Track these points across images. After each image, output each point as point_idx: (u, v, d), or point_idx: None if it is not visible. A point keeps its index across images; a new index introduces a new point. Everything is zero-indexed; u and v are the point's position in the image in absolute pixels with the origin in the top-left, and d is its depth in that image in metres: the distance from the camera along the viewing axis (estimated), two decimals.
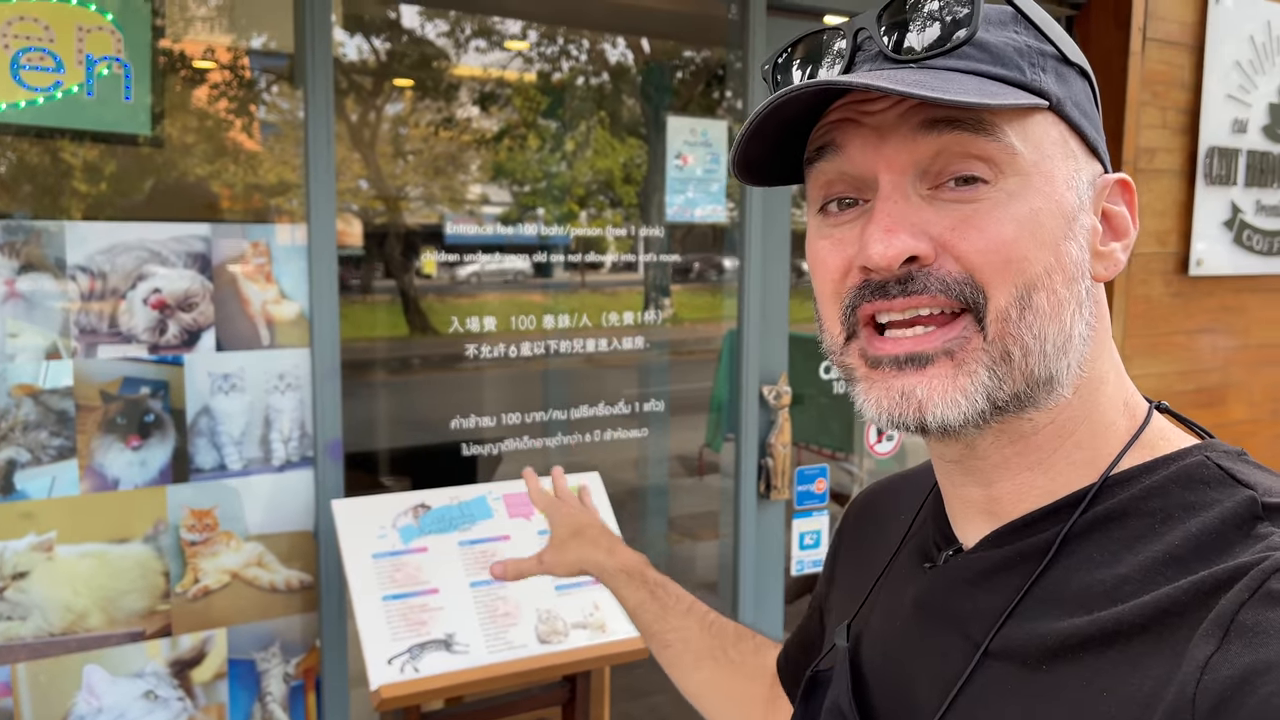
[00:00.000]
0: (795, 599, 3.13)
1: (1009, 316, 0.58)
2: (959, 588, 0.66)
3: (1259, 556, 0.53)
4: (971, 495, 0.67)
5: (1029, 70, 0.60)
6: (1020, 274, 0.58)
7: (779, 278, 2.56)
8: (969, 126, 0.58)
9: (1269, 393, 3.15)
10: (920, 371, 0.60)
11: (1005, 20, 0.61)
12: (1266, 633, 0.49)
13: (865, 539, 0.84)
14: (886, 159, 0.60)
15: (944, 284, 0.59)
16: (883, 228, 0.59)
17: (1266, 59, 2.95)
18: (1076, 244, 0.61)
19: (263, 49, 2.03)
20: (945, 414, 0.59)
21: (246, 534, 2.00)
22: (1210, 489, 0.59)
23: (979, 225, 0.58)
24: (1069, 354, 0.61)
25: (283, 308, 2.01)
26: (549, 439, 2.49)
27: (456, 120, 3.57)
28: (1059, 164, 0.61)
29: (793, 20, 2.51)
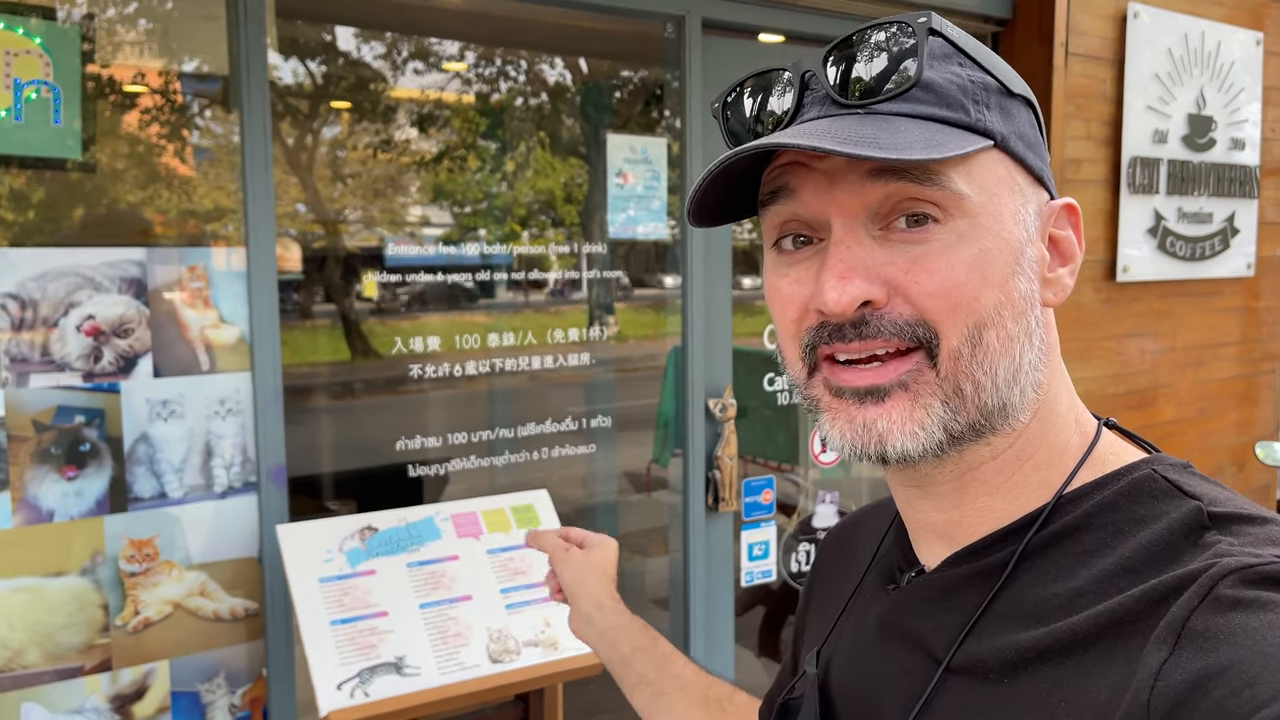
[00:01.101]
0: (745, 611, 3.14)
1: (961, 355, 0.60)
2: (919, 607, 0.67)
3: (1207, 564, 0.55)
4: (932, 520, 0.68)
5: (974, 109, 0.61)
6: (970, 314, 0.60)
7: (721, 292, 2.59)
8: (914, 176, 0.59)
9: (1195, 392, 3.25)
10: (879, 404, 0.61)
11: (947, 55, 0.62)
12: (1217, 638, 0.51)
13: (835, 570, 0.86)
14: (838, 203, 0.61)
15: (896, 326, 0.60)
16: (836, 274, 0.60)
17: (1184, 71, 3.06)
18: (1024, 278, 0.63)
19: (196, 72, 2.00)
20: (905, 445, 0.60)
21: (189, 563, 1.96)
22: (1158, 501, 0.61)
23: (929, 268, 0.60)
24: (1020, 383, 0.62)
25: (222, 332, 1.98)
26: (495, 458, 2.48)
27: (395, 142, 3.55)
28: (1006, 201, 0.62)
29: (728, 39, 2.55)
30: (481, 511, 2.05)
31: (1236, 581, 0.53)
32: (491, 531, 2.03)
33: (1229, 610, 0.52)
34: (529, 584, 1.99)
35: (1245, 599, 0.52)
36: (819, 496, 2.88)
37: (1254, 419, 3.45)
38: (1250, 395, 3.43)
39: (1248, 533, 0.57)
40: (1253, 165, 3.31)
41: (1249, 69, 3.26)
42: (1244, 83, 3.25)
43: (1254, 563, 0.53)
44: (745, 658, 2.96)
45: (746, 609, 3.16)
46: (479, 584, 1.95)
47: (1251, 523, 0.58)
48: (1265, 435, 3.43)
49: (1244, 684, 0.48)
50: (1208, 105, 3.15)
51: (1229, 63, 3.19)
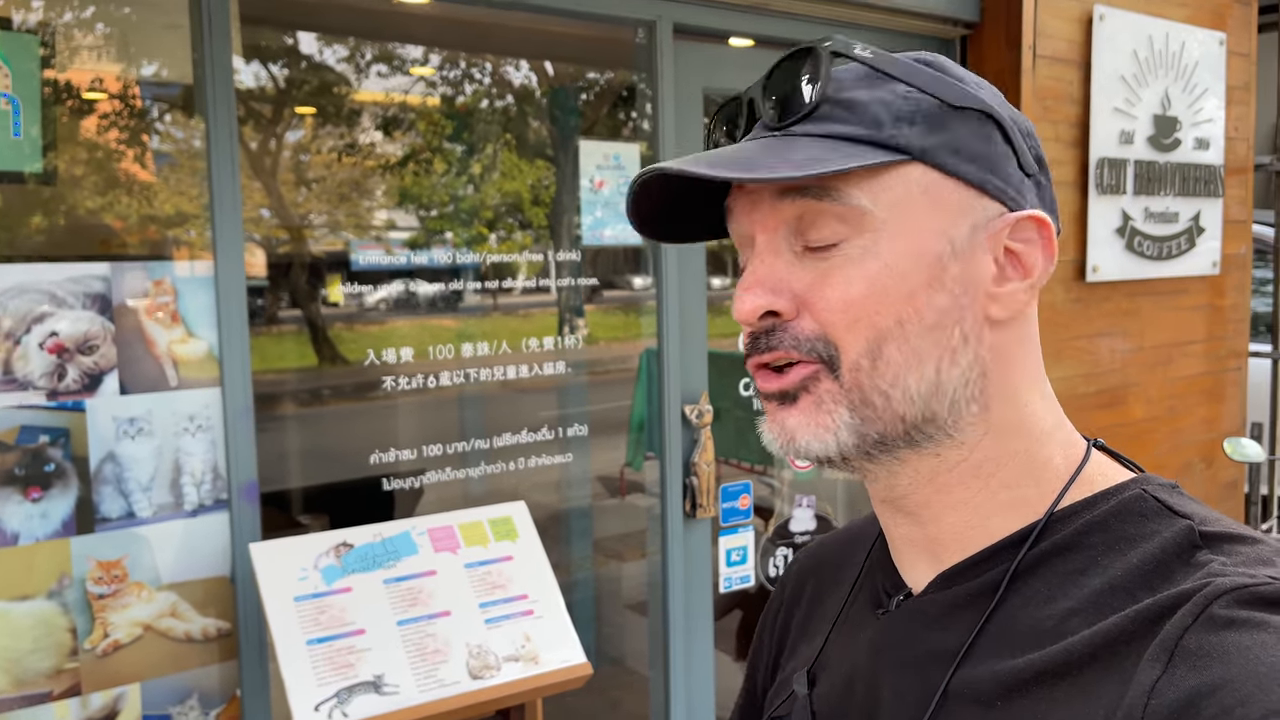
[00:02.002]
0: (723, 616, 3.14)
1: (860, 367, 0.62)
2: (912, 631, 0.67)
3: (1201, 583, 0.55)
4: (910, 535, 0.69)
5: (891, 126, 0.62)
6: (869, 329, 0.61)
7: (696, 297, 2.58)
8: (814, 193, 0.61)
9: (1164, 390, 3.29)
10: (790, 407, 0.64)
11: (870, 76, 0.63)
12: (1210, 656, 0.51)
13: (816, 591, 0.84)
14: (759, 221, 0.65)
15: (796, 340, 0.63)
16: (743, 286, 0.64)
17: (1149, 72, 3.09)
18: (944, 292, 0.62)
19: (155, 79, 1.96)
20: (812, 447, 0.63)
21: (159, 583, 1.92)
22: (1149, 520, 0.61)
23: (830, 283, 0.62)
24: (942, 397, 0.63)
25: (190, 346, 1.94)
26: (469, 466, 2.45)
27: (360, 146, 3.51)
28: (924, 215, 0.62)
29: (699, 44, 2.54)
30: (458, 525, 2.02)
31: (1231, 601, 0.53)
32: (469, 545, 2.00)
33: (1223, 629, 0.52)
34: (508, 598, 1.97)
35: (1239, 619, 0.52)
36: (796, 500, 2.88)
37: (1221, 415, 3.49)
38: (1217, 392, 3.47)
39: (1239, 552, 0.57)
40: (1217, 165, 3.35)
41: (1212, 69, 3.30)
42: (1207, 83, 3.29)
43: (1248, 583, 0.54)
44: (723, 662, 2.96)
45: (724, 614, 3.15)
46: (457, 599, 1.93)
47: (1243, 542, 0.58)
48: (1233, 431, 3.48)
49: (1236, 702, 0.49)
50: (1172, 106, 3.18)
51: (1192, 63, 3.23)
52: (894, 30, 2.81)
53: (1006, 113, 0.65)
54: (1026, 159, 0.65)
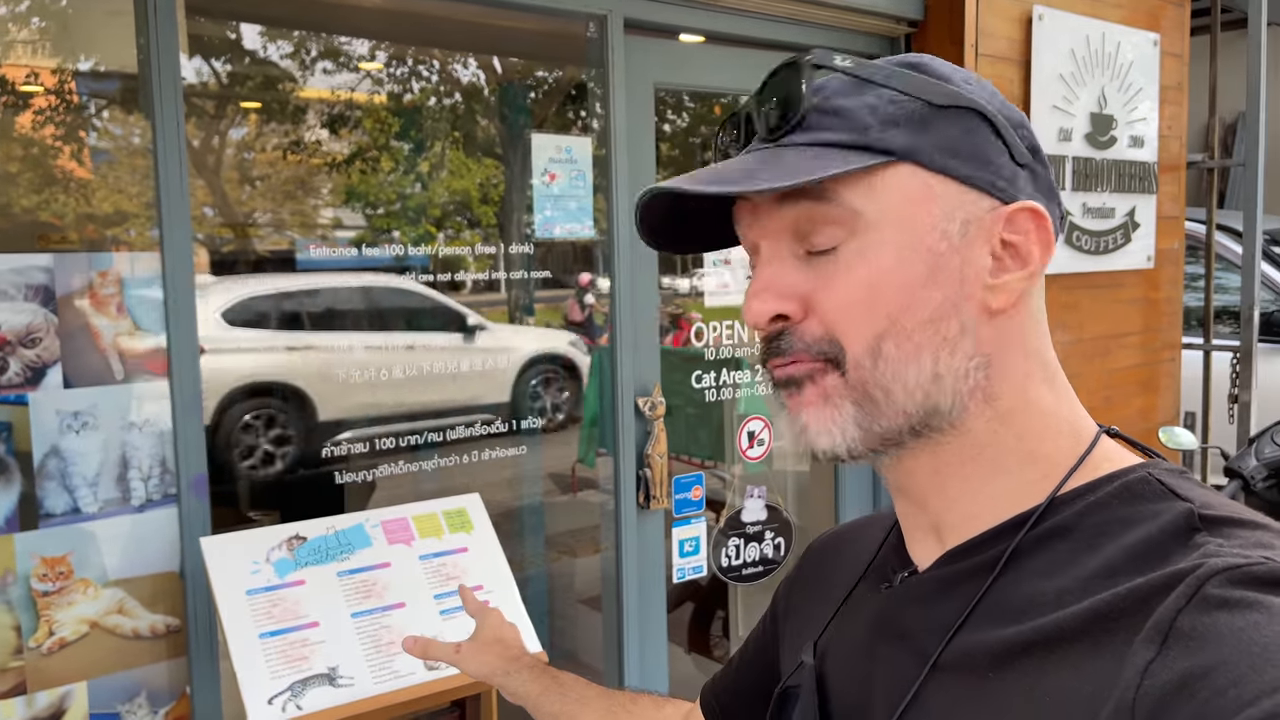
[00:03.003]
0: (676, 607, 3.16)
1: (863, 364, 0.64)
2: (911, 605, 0.69)
3: (1195, 563, 0.55)
4: (918, 519, 0.71)
5: (877, 130, 0.64)
6: (868, 327, 0.64)
7: (648, 291, 2.60)
8: (811, 197, 0.64)
9: (1102, 381, 3.38)
10: (798, 394, 0.66)
11: (853, 84, 0.66)
12: (1204, 638, 0.51)
13: (827, 572, 0.87)
14: (761, 227, 0.68)
15: (805, 344, 0.66)
16: (751, 292, 0.67)
17: (1086, 71, 3.18)
18: (940, 287, 0.64)
19: (101, 70, 1.93)
20: (822, 442, 0.65)
21: (105, 580, 1.89)
22: (1149, 503, 0.61)
23: (833, 285, 0.65)
24: (944, 388, 0.64)
25: (136, 339, 1.91)
26: (423, 462, 2.44)
27: (305, 143, 3.48)
28: (916, 214, 0.64)
29: (650, 39, 2.55)
30: (412, 517, 2.02)
31: (1224, 581, 0.53)
32: (423, 537, 2.00)
33: (1216, 610, 0.52)
34: None
35: (1232, 599, 0.52)
36: (747, 491, 2.91)
37: (1156, 406, 3.60)
38: (1152, 383, 3.58)
39: (1238, 535, 0.58)
40: (1151, 162, 3.45)
41: (1146, 69, 3.40)
42: (1142, 82, 3.38)
43: (1241, 563, 0.54)
44: (675, 654, 2.98)
45: (677, 605, 3.18)
46: (412, 591, 1.92)
47: (1243, 526, 0.58)
48: (1168, 421, 3.58)
49: (1229, 684, 0.49)
50: (1109, 104, 3.27)
51: (1128, 63, 3.32)
52: (842, 27, 2.85)
53: (995, 107, 0.67)
54: (1019, 150, 0.67)
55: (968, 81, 0.67)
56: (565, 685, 1.12)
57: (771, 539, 2.94)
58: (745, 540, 2.89)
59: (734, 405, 2.88)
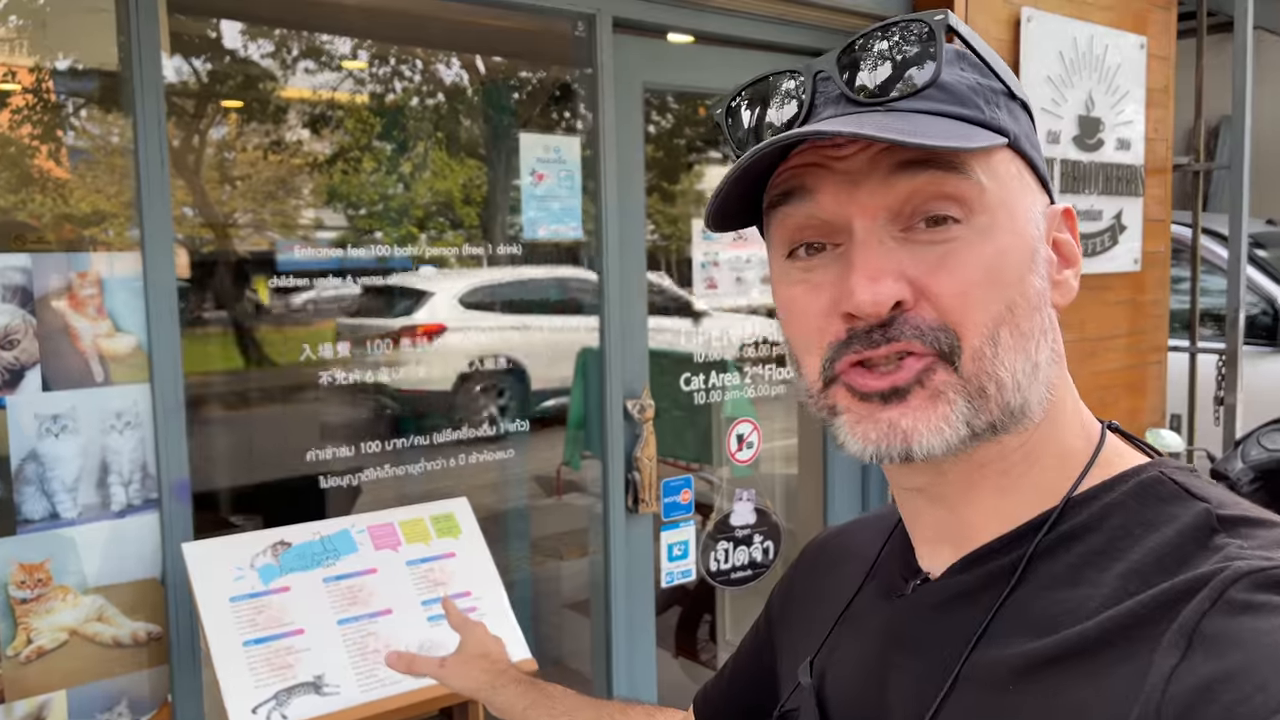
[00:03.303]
0: (663, 611, 3.14)
1: (983, 355, 0.60)
2: (927, 615, 0.66)
3: (1218, 567, 0.54)
4: (938, 524, 0.68)
5: (986, 108, 0.61)
6: (988, 313, 0.60)
7: (636, 292, 2.58)
8: (943, 166, 0.59)
9: (1091, 383, 3.38)
10: (903, 404, 0.60)
11: (953, 59, 0.62)
12: (1228, 641, 0.51)
13: (823, 578, 0.84)
14: (860, 204, 0.60)
15: (919, 330, 0.60)
16: (867, 275, 0.59)
17: (1074, 74, 3.18)
18: (1039, 276, 0.63)
19: (81, 68, 1.89)
20: (930, 442, 0.60)
21: (85, 587, 1.85)
22: (1166, 504, 0.60)
23: (950, 267, 0.60)
24: (1038, 382, 0.62)
25: (117, 341, 1.88)
26: (409, 466, 2.41)
27: (287, 143, 3.44)
28: (1019, 199, 0.63)
29: (639, 38, 2.53)
30: (399, 522, 1.99)
31: (1248, 585, 0.52)
32: (410, 542, 1.97)
33: (1240, 614, 0.51)
34: (451, 594, 1.94)
35: (1256, 603, 0.52)
36: (735, 495, 2.90)
37: (1144, 408, 3.60)
38: (1139, 385, 3.58)
39: (1257, 535, 0.57)
40: (1138, 165, 3.46)
41: (1133, 72, 3.40)
42: (1128, 85, 3.39)
43: (1266, 566, 0.53)
44: (663, 658, 2.96)
45: (665, 609, 3.16)
46: (399, 597, 1.89)
47: (1260, 525, 0.58)
48: (1154, 422, 3.59)
49: (1255, 689, 0.48)
50: (1096, 107, 3.27)
51: (1115, 66, 3.32)
52: (830, 28, 2.84)
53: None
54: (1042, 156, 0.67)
55: None
56: (553, 697, 1.10)
57: (760, 543, 2.92)
58: (734, 544, 2.88)
59: (721, 408, 2.86)
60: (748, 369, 2.92)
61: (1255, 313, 4.84)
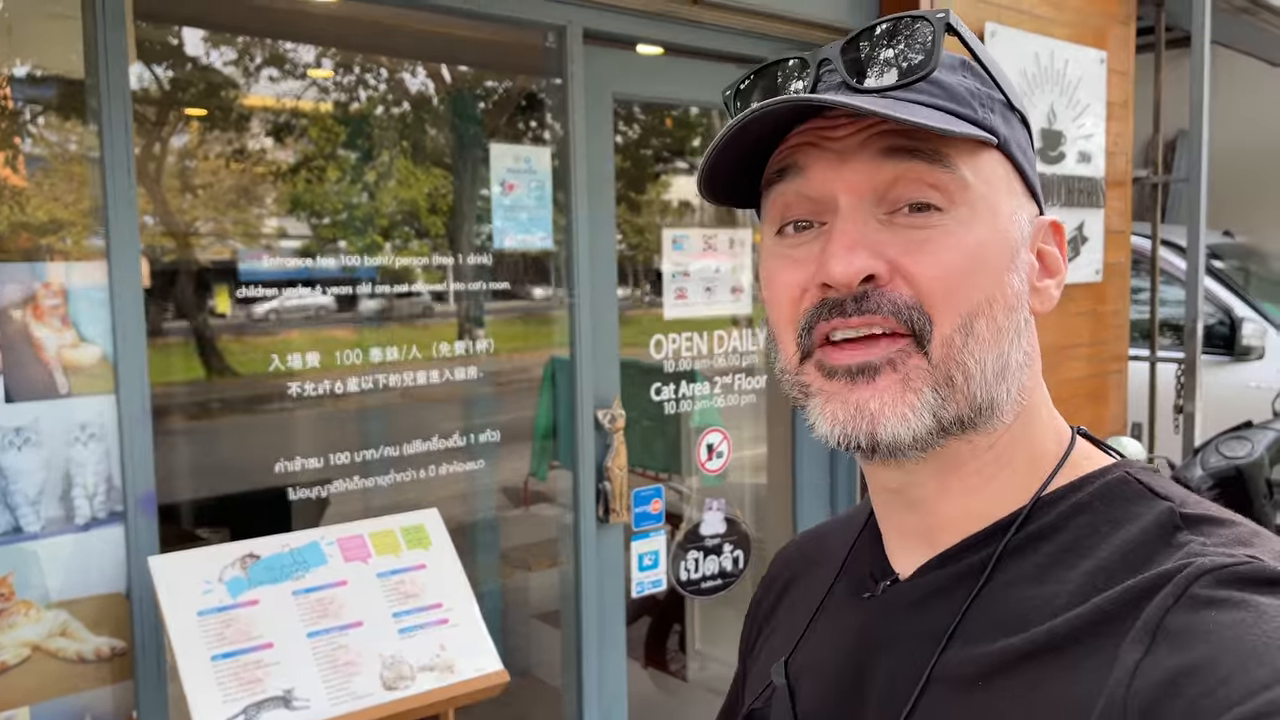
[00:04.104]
0: (633, 621, 3.14)
1: (953, 342, 0.61)
2: (899, 614, 0.67)
3: (1182, 563, 0.56)
4: (911, 524, 0.69)
5: (980, 110, 0.64)
6: (965, 301, 0.61)
7: (608, 302, 2.58)
8: (926, 156, 0.61)
9: (1057, 391, 3.41)
10: (870, 383, 0.61)
11: (956, 66, 0.65)
12: (1192, 636, 0.52)
13: (796, 584, 0.84)
14: (846, 181, 0.62)
15: (895, 306, 0.61)
16: (843, 245, 0.61)
17: (1036, 88, 3.23)
18: (1018, 276, 0.65)
19: (45, 75, 1.87)
20: (896, 430, 0.61)
21: (48, 601, 1.82)
22: (1131, 503, 0.62)
23: (931, 251, 0.61)
24: (1007, 380, 0.64)
25: (81, 352, 1.85)
26: (373, 478, 2.39)
27: (250, 152, 3.41)
28: (1004, 199, 0.64)
29: (609, 49, 2.54)
30: (369, 534, 1.97)
31: (1211, 581, 0.54)
32: (380, 554, 1.96)
33: (1204, 608, 0.53)
34: (421, 606, 1.93)
35: (1219, 598, 0.53)
36: (706, 504, 2.90)
37: (1105, 416, 3.66)
38: (1101, 394, 3.64)
39: (1218, 533, 0.59)
40: (1098, 177, 3.52)
41: (1093, 86, 3.47)
42: (1089, 99, 3.45)
43: (1228, 563, 0.55)
44: (632, 669, 2.96)
45: (635, 619, 3.15)
46: (369, 609, 1.88)
47: (1221, 524, 0.60)
48: (1116, 431, 3.65)
49: (1218, 681, 0.50)
50: (1058, 120, 3.33)
51: (1075, 80, 3.38)
52: (798, 40, 2.87)
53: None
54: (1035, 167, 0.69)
55: None
56: None
57: (730, 552, 2.93)
58: (704, 553, 2.88)
59: (690, 418, 2.87)
60: (717, 379, 2.93)
61: (1213, 323, 4.93)
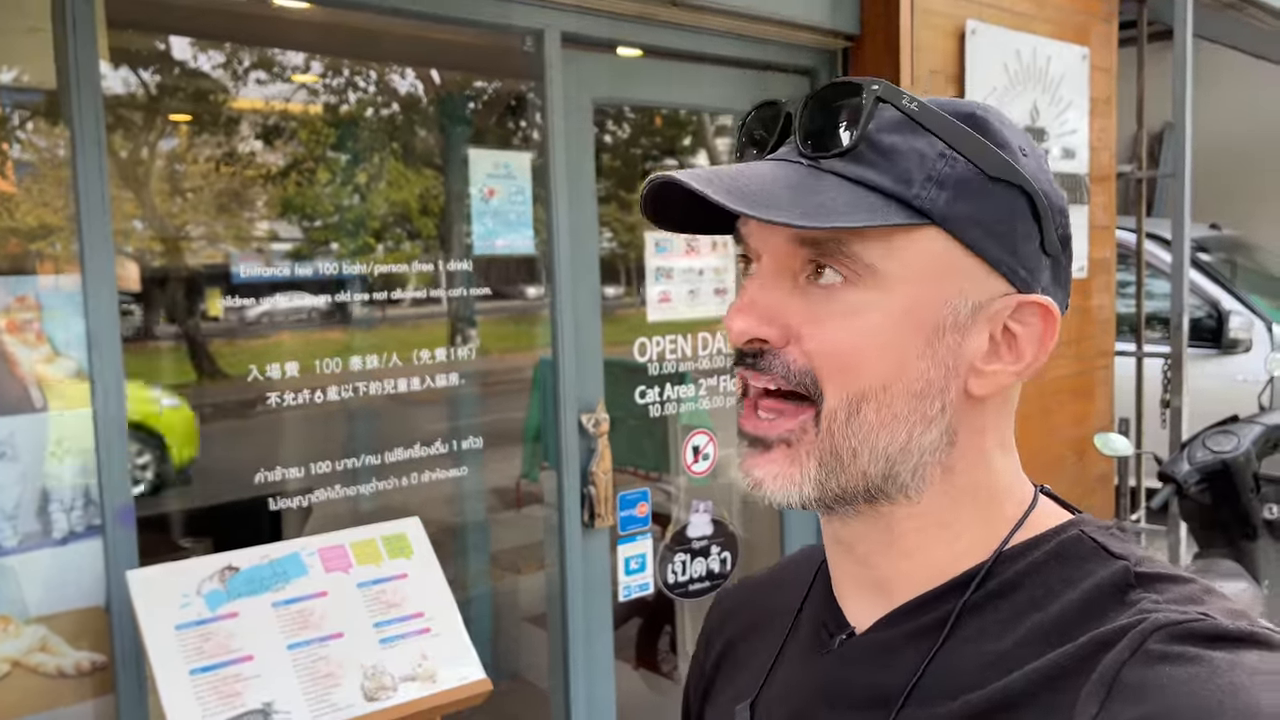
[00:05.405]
0: (623, 623, 3.13)
1: (837, 418, 0.62)
2: (858, 670, 0.67)
3: (1136, 619, 0.57)
4: (857, 575, 0.69)
5: (920, 185, 0.60)
6: (852, 382, 0.61)
7: (590, 306, 2.58)
8: (822, 246, 0.61)
9: (1038, 390, 3.42)
10: (762, 454, 0.64)
11: (908, 125, 0.61)
12: (1148, 690, 0.53)
13: (751, 625, 0.83)
14: (769, 245, 0.64)
15: (786, 369, 0.62)
16: (739, 305, 0.63)
17: (1018, 85, 3.23)
18: (933, 364, 0.62)
19: (18, 85, 1.86)
20: (776, 497, 0.63)
21: (27, 617, 1.81)
22: (1086, 561, 0.62)
23: (825, 325, 0.61)
24: (908, 461, 0.63)
25: (56, 366, 1.84)
26: (360, 484, 2.39)
27: (239, 155, 3.40)
28: (933, 283, 0.61)
29: (588, 53, 2.53)
30: (350, 544, 1.97)
31: (1165, 637, 0.55)
32: (361, 564, 1.95)
33: (1158, 663, 0.53)
34: (403, 616, 1.92)
35: (1173, 653, 0.54)
36: (693, 506, 2.90)
37: (1091, 412, 3.66)
38: (1087, 390, 3.64)
39: (1171, 590, 0.59)
40: (1082, 174, 3.52)
41: (1076, 82, 3.47)
42: (1072, 95, 3.45)
43: (1181, 619, 0.55)
44: (622, 670, 2.95)
45: (623, 622, 3.15)
46: (350, 620, 1.87)
47: (1174, 582, 0.60)
48: (1103, 427, 3.65)
49: None
50: (1041, 117, 3.33)
51: (1058, 76, 3.38)
52: (780, 42, 2.86)
53: (1042, 187, 0.63)
54: (1051, 238, 0.63)
55: (1024, 152, 0.63)
56: None
57: (718, 554, 2.93)
58: (691, 556, 2.88)
59: (677, 419, 2.87)
60: (703, 381, 2.93)
61: (1200, 316, 4.94)
